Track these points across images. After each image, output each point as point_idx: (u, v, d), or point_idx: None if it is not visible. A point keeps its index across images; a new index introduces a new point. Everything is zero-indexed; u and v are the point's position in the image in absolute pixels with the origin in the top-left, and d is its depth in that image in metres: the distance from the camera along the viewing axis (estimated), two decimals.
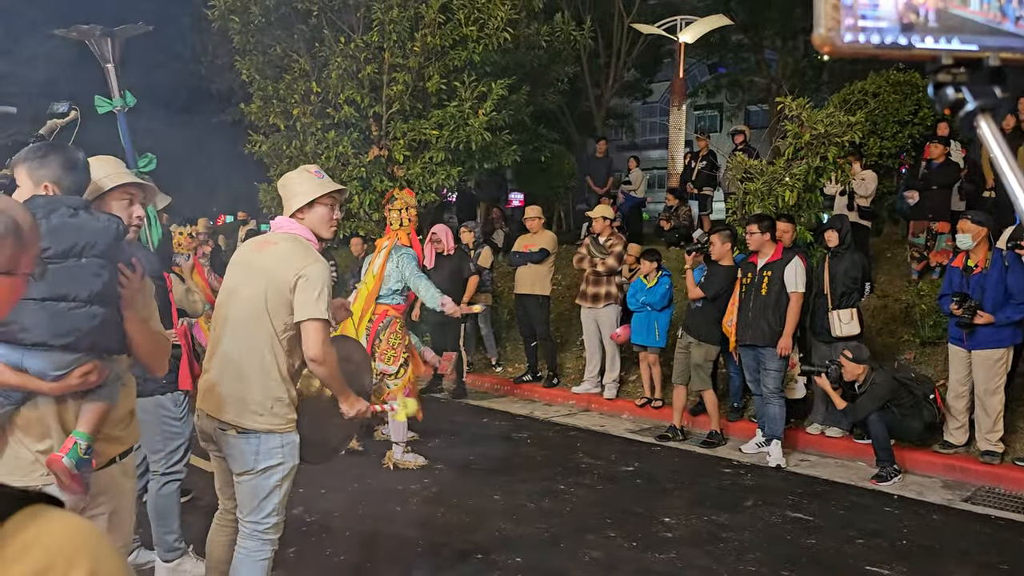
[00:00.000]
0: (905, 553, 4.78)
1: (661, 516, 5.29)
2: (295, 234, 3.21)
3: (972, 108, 0.62)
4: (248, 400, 3.04)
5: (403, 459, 6.19)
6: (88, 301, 2.39)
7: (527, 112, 11.45)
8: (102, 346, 2.45)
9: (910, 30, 0.63)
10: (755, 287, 6.62)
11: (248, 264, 3.20)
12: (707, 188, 12.52)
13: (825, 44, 0.62)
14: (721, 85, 21.86)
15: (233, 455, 3.10)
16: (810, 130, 7.44)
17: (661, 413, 7.87)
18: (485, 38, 9.91)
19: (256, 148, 11.10)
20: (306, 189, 3.24)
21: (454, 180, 10.43)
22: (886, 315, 8.31)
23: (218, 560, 3.36)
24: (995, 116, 0.62)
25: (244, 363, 3.07)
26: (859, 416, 6.25)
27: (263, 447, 3.06)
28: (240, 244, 3.52)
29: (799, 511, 5.45)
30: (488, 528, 5.00)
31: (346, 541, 4.75)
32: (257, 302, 3.07)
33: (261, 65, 10.99)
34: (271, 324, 3.06)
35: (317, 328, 3.01)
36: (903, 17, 0.63)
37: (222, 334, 3.15)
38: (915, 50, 0.63)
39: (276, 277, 3.06)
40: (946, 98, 0.64)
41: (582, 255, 8.48)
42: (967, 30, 0.64)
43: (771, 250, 6.63)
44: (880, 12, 0.62)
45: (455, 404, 8.62)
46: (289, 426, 3.12)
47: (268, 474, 3.09)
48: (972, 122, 0.63)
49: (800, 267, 6.51)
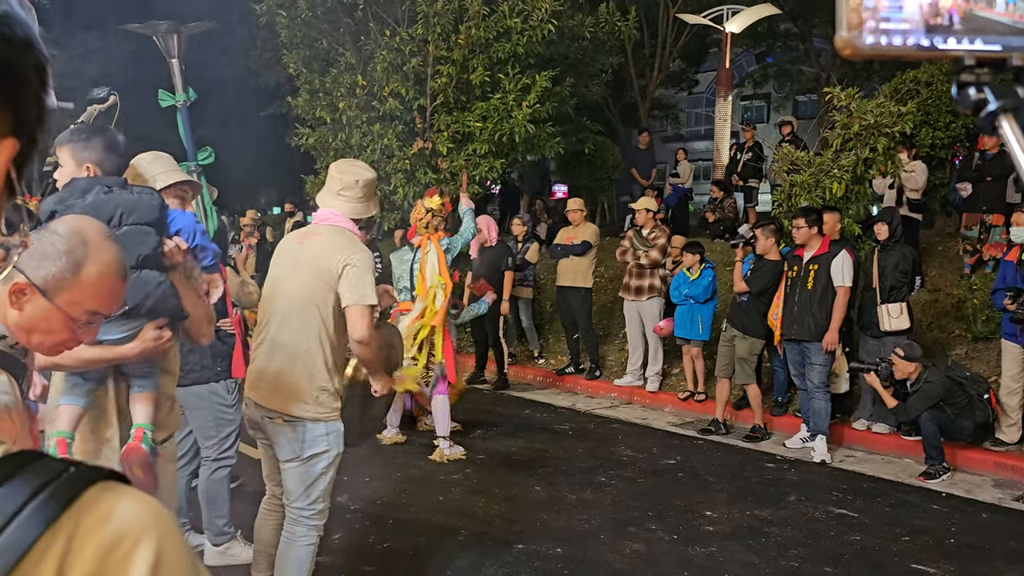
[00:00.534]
0: (953, 552, 4.70)
1: (702, 510, 5.27)
2: (338, 225, 3.29)
3: (994, 108, 0.63)
4: (295, 389, 3.12)
5: (450, 453, 6.26)
6: (138, 266, 2.40)
7: (571, 104, 11.44)
8: (162, 310, 2.49)
9: (933, 32, 0.64)
10: (801, 281, 6.54)
11: (293, 256, 3.28)
12: (753, 180, 12.36)
13: (847, 46, 0.63)
14: (769, 75, 21.50)
15: (280, 443, 3.18)
16: (859, 121, 7.30)
17: (704, 406, 7.82)
18: (529, 30, 9.92)
19: (303, 141, 11.27)
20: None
21: (497, 172, 10.47)
22: (937, 310, 8.14)
23: (266, 544, 3.46)
24: (1017, 116, 0.63)
25: (292, 353, 3.15)
26: (910, 416, 6.14)
27: (309, 435, 3.15)
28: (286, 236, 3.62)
29: (843, 507, 5.39)
30: (529, 519, 5.04)
31: (389, 529, 4.83)
32: (304, 293, 3.15)
33: (308, 59, 11.15)
34: (319, 314, 3.14)
35: (363, 312, 3.10)
36: (927, 19, 0.63)
37: (269, 324, 3.23)
38: (938, 51, 0.64)
39: (322, 267, 3.14)
40: (968, 98, 0.64)
41: (625, 247, 8.46)
42: (991, 31, 0.64)
43: (817, 243, 6.54)
44: (904, 15, 0.63)
45: (498, 395, 8.67)
46: (334, 415, 3.20)
47: (314, 461, 3.18)
48: (994, 122, 0.63)
49: (848, 260, 6.41)
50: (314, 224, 3.41)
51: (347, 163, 3.46)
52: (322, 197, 3.39)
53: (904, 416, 6.24)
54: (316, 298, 3.14)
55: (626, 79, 16.66)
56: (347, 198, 3.31)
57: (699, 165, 22.92)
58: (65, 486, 0.57)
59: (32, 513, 0.55)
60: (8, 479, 0.57)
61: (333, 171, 3.37)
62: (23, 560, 0.54)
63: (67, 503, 0.56)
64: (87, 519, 0.55)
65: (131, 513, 0.57)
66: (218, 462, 4.20)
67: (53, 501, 0.56)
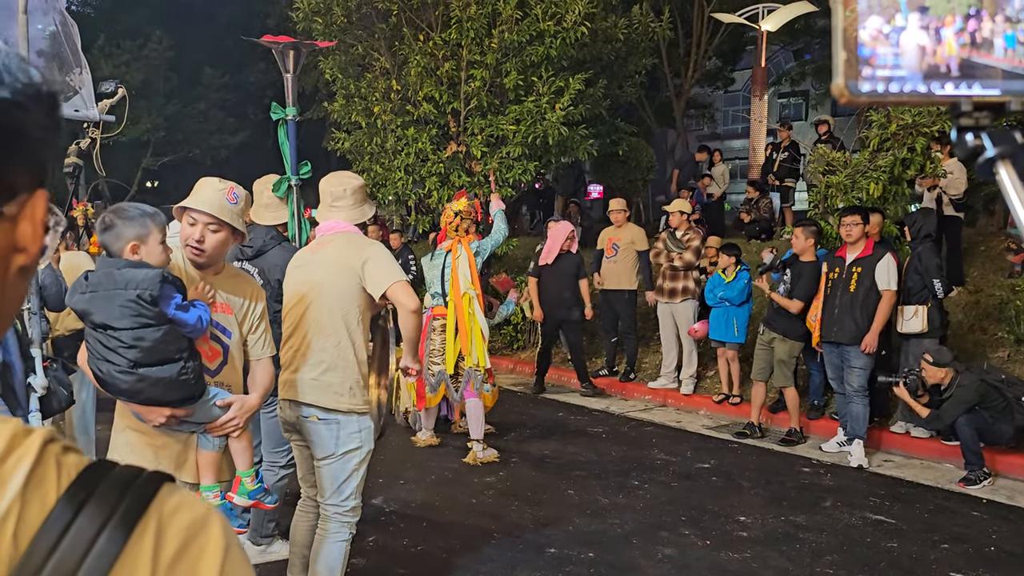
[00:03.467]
0: (992, 560, 4.62)
1: (736, 515, 5.25)
2: (345, 231, 3.45)
3: (992, 155, 0.64)
4: (330, 383, 3.27)
5: (484, 455, 6.29)
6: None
7: (604, 105, 11.42)
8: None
9: (931, 78, 0.65)
10: (843, 283, 6.44)
11: (310, 264, 3.41)
12: (789, 180, 12.24)
13: (843, 94, 0.64)
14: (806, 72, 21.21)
15: (316, 440, 3.31)
16: (897, 120, 7.20)
17: (739, 410, 7.77)
18: (562, 32, 9.92)
19: (339, 145, 11.40)
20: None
21: (531, 175, 10.50)
22: (978, 311, 7.99)
23: (300, 545, 3.57)
24: (1014, 163, 0.63)
25: (323, 355, 3.29)
26: (944, 422, 6.02)
27: (343, 432, 3.28)
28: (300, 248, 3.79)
29: (880, 513, 5.33)
30: (562, 522, 5.06)
31: (423, 531, 4.88)
32: (328, 294, 3.29)
33: (343, 64, 11.28)
34: (344, 312, 3.29)
35: (403, 286, 3.28)
36: (925, 67, 0.65)
37: (297, 330, 3.36)
38: (935, 97, 0.65)
39: (342, 268, 3.30)
40: (966, 144, 0.65)
41: (659, 249, 8.42)
42: (989, 76, 0.65)
43: (862, 245, 6.44)
44: (901, 62, 0.65)
45: (532, 398, 8.70)
46: (366, 407, 3.35)
47: (348, 458, 3.30)
48: (992, 169, 0.64)
49: (892, 264, 6.30)
50: (321, 235, 3.54)
51: (334, 176, 3.60)
52: (320, 212, 3.55)
53: (938, 424, 6.12)
54: (340, 298, 3.28)
55: (660, 78, 16.59)
56: (341, 207, 3.49)
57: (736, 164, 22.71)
58: (142, 488, 0.66)
59: (122, 515, 0.63)
60: (95, 485, 0.65)
61: (323, 186, 3.53)
62: (121, 555, 0.62)
63: (148, 501, 0.65)
64: (167, 512, 0.64)
65: (197, 504, 0.67)
66: (286, 469, 4.30)
67: (136, 502, 0.65)
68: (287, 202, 4.45)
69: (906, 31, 0.63)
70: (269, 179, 4.47)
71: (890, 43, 0.64)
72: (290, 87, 4.75)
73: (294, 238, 4.56)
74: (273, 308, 3.97)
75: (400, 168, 10.58)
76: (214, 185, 2.95)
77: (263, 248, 4.20)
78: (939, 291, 6.50)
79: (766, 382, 7.08)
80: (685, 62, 16.67)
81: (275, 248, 4.22)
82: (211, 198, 2.88)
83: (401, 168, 10.58)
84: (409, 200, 11.29)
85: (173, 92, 22.21)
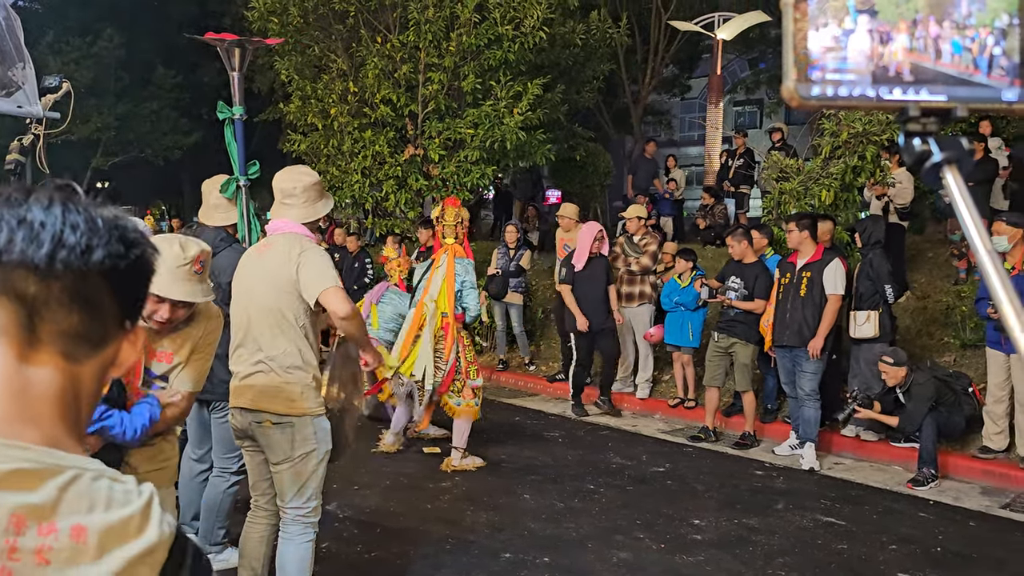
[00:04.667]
0: (939, 560, 4.72)
1: (691, 518, 5.28)
2: (291, 232, 3.37)
3: (938, 160, 0.64)
4: (280, 388, 3.22)
5: (460, 463, 6.13)
6: None
7: (562, 110, 11.46)
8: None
9: (879, 83, 0.65)
10: (793, 288, 6.55)
11: (254, 268, 3.37)
12: (744, 186, 12.41)
13: (793, 97, 0.64)
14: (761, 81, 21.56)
15: (271, 445, 3.26)
16: (848, 128, 7.34)
17: (694, 414, 7.84)
18: (521, 37, 9.94)
19: (295, 147, 11.27)
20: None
21: (489, 179, 10.49)
22: (925, 316, 8.18)
23: (250, 556, 3.49)
24: (960, 168, 0.64)
25: (271, 357, 3.25)
26: (915, 423, 6.10)
27: (298, 435, 3.23)
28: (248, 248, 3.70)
29: (831, 515, 5.41)
30: (517, 527, 5.04)
31: (376, 538, 4.83)
32: (271, 301, 3.25)
33: (299, 65, 11.16)
34: (288, 318, 3.24)
35: (335, 292, 3.21)
36: (874, 71, 0.65)
37: (245, 333, 3.32)
38: (884, 102, 0.65)
39: (280, 275, 3.24)
40: (913, 149, 0.65)
41: (616, 254, 8.47)
42: (936, 81, 0.65)
43: (811, 250, 6.55)
44: (850, 66, 0.64)
45: (488, 402, 8.67)
46: (320, 410, 3.30)
47: (306, 459, 3.26)
48: (938, 174, 0.64)
49: (840, 269, 6.42)
50: (269, 235, 3.48)
51: (287, 172, 3.50)
52: (273, 209, 3.48)
53: (911, 426, 6.17)
54: (282, 305, 3.24)
55: (618, 85, 16.70)
56: (292, 205, 3.39)
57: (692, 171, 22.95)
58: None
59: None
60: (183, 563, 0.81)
61: (275, 182, 3.44)
62: None
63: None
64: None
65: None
66: (237, 475, 4.23)
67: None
68: (236, 203, 4.38)
69: (855, 35, 0.63)
70: (218, 179, 4.39)
71: (839, 47, 0.63)
72: (236, 86, 4.68)
73: (244, 239, 4.49)
74: (224, 311, 3.90)
75: (357, 171, 10.49)
76: (177, 260, 2.67)
77: (213, 251, 4.12)
78: (890, 296, 6.64)
79: (720, 387, 7.15)
80: (643, 69, 16.82)
81: (225, 250, 4.14)
82: (181, 283, 2.68)
83: (358, 171, 10.49)
84: (366, 203, 11.20)
85: (124, 91, 21.74)
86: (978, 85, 0.66)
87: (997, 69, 0.66)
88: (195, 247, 2.75)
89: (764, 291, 6.84)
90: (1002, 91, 0.66)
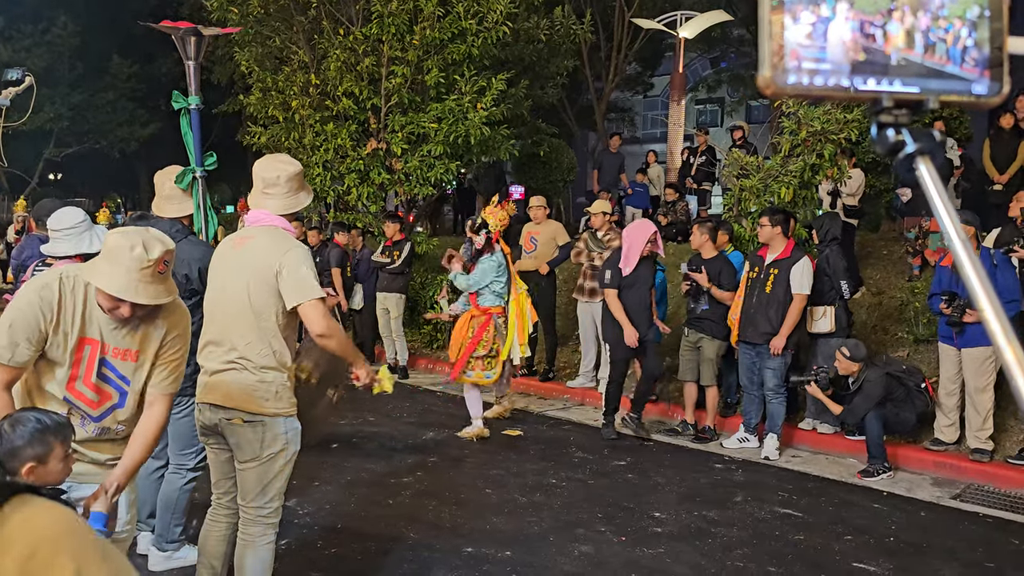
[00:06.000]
0: (892, 550, 4.82)
1: (651, 511, 5.33)
2: (270, 225, 3.27)
3: (911, 150, 0.65)
4: (254, 388, 3.14)
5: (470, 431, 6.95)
6: None
7: (526, 106, 11.47)
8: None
9: (856, 73, 0.66)
10: (760, 283, 6.59)
11: (230, 261, 3.27)
12: (706, 183, 12.55)
13: (769, 86, 0.64)
14: (722, 80, 21.84)
15: (240, 443, 3.18)
16: (807, 127, 7.45)
17: (655, 408, 7.90)
18: (484, 32, 9.92)
19: (255, 139, 11.12)
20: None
21: (452, 174, 10.46)
22: (880, 312, 8.34)
23: (210, 555, 3.43)
24: (933, 159, 0.65)
25: (244, 355, 3.15)
26: (857, 417, 6.26)
27: (268, 433, 3.16)
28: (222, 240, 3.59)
29: (788, 507, 5.50)
30: (479, 522, 5.04)
31: (337, 534, 4.79)
32: (246, 297, 3.15)
33: (260, 56, 11.02)
34: (263, 316, 3.14)
35: (315, 306, 3.11)
36: (849, 60, 0.65)
37: (217, 328, 3.23)
38: (859, 92, 0.65)
39: (259, 272, 3.14)
40: (886, 140, 0.66)
41: (580, 249, 8.50)
42: (910, 73, 0.66)
43: (781, 246, 6.59)
44: (826, 55, 0.65)
45: (451, 397, 8.66)
46: (292, 410, 3.23)
47: (273, 459, 3.19)
48: (911, 164, 0.65)
49: (808, 268, 6.46)
50: (247, 227, 3.37)
51: (269, 160, 3.39)
52: (252, 198, 3.36)
53: (852, 418, 6.38)
54: (258, 301, 3.14)
55: (582, 82, 16.77)
56: (273, 195, 3.28)
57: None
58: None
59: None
60: None
61: (256, 170, 3.32)
62: None
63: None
64: (14, 526, 0.58)
65: (44, 526, 0.61)
66: (194, 472, 4.16)
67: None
68: (191, 194, 4.30)
69: (833, 24, 0.64)
70: (171, 171, 4.30)
71: (816, 37, 0.64)
72: (192, 75, 4.60)
73: (200, 231, 4.41)
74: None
75: (319, 164, 10.38)
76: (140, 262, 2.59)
77: None
78: (846, 292, 6.76)
79: (695, 382, 7.17)
80: (606, 66, 16.91)
81: (181, 242, 4.07)
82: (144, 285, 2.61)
83: (319, 164, 10.39)
84: (328, 197, 11.10)
85: (78, 81, 21.26)
86: (950, 77, 0.67)
87: (969, 60, 0.67)
88: (159, 247, 2.65)
89: (731, 283, 6.92)
90: (972, 84, 0.67)
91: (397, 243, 9.45)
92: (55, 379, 2.72)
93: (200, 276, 3.84)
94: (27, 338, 2.62)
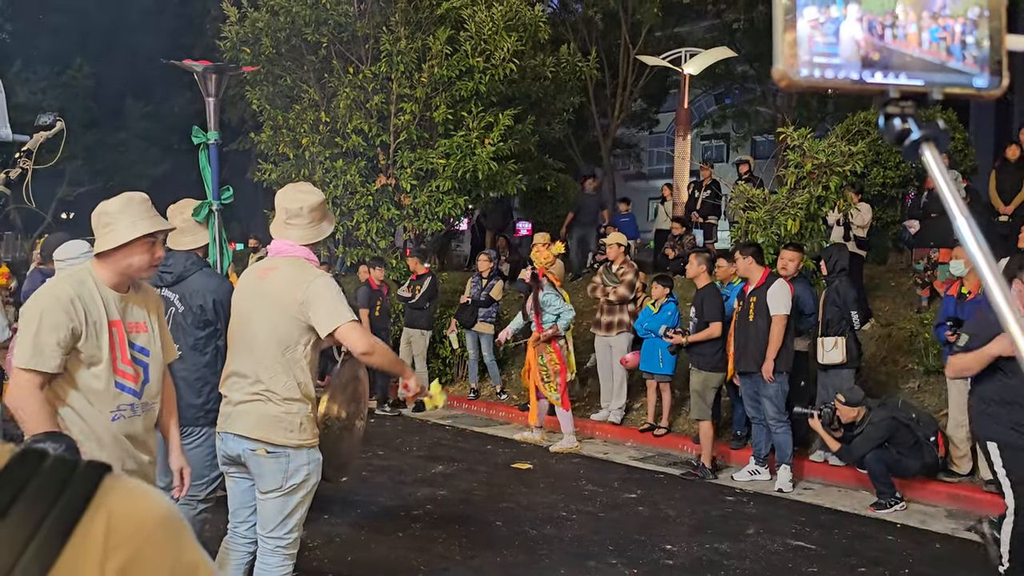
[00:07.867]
0: None
1: (663, 543, 5.29)
2: (293, 256, 3.27)
3: (917, 137, 0.69)
4: (279, 419, 3.14)
5: (560, 446, 7.65)
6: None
7: (533, 142, 11.60)
8: None
9: (863, 67, 0.70)
10: (744, 314, 6.68)
11: (255, 292, 3.27)
12: (712, 217, 12.61)
13: (783, 78, 0.68)
14: (727, 115, 22.01)
15: (262, 474, 3.18)
16: (812, 160, 7.52)
17: (664, 441, 7.88)
18: (491, 69, 10.07)
19: (266, 176, 11.25)
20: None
21: (460, 209, 10.55)
22: (890, 344, 8.32)
23: None
24: (938, 145, 0.68)
25: (271, 389, 3.14)
26: (853, 456, 6.22)
27: (292, 465, 3.16)
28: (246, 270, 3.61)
29: (801, 539, 5.45)
30: (489, 555, 5.01)
31: (347, 565, 4.77)
32: (271, 328, 3.15)
33: (271, 95, 11.20)
34: (287, 347, 3.14)
35: (352, 328, 3.10)
36: (860, 56, 0.69)
37: (244, 362, 3.21)
38: (866, 85, 0.69)
39: (285, 302, 3.13)
40: (893, 129, 0.70)
41: (596, 283, 8.56)
42: (915, 67, 0.70)
43: (757, 275, 6.67)
44: (838, 51, 0.69)
45: (461, 432, 8.64)
46: (315, 441, 3.23)
47: (295, 490, 3.19)
48: (917, 150, 0.69)
49: (783, 289, 6.51)
50: (270, 257, 3.38)
51: (291, 190, 3.38)
52: (274, 228, 3.36)
53: (849, 457, 6.32)
54: (282, 332, 3.14)
55: (588, 118, 16.95)
56: (296, 225, 3.28)
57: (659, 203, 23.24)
58: (80, 483, 0.62)
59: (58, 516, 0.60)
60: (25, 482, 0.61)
61: (279, 200, 3.33)
62: (59, 561, 0.58)
63: (88, 497, 0.60)
64: (113, 506, 0.60)
65: (144, 493, 0.62)
66: (205, 503, 4.15)
67: (75, 499, 0.61)
68: (207, 226, 4.36)
69: (844, 23, 0.68)
70: (184, 204, 4.35)
71: (828, 32, 0.68)
72: (212, 111, 4.68)
73: (215, 264, 4.46)
74: (196, 335, 3.86)
75: (328, 200, 10.45)
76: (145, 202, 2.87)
77: (184, 274, 4.08)
78: (856, 322, 6.76)
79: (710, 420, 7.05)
80: (612, 103, 17.10)
81: (196, 273, 4.11)
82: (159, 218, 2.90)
83: (329, 200, 10.48)
84: (337, 233, 11.19)
85: (93, 121, 21.60)
86: (952, 71, 0.71)
87: (969, 56, 0.71)
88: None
89: (714, 313, 6.96)
90: (973, 78, 0.72)
91: (420, 277, 9.54)
92: (98, 368, 2.73)
93: (215, 307, 3.87)
94: (56, 342, 2.63)
